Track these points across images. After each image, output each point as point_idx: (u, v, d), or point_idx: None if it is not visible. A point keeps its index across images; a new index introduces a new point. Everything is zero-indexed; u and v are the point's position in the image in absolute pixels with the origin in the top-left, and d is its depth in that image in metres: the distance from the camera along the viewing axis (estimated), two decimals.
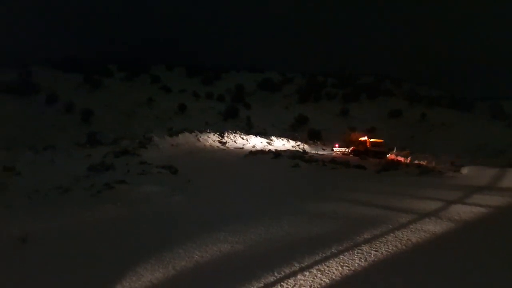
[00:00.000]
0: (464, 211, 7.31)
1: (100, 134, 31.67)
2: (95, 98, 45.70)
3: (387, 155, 30.20)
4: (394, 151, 33.03)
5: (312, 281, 4.15)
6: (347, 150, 34.62)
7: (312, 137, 43.73)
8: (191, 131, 36.45)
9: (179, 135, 34.32)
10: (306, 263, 4.62)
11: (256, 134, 42.01)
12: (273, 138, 41.68)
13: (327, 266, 4.50)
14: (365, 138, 33.15)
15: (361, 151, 31.06)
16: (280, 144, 40.05)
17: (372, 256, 4.81)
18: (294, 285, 4.07)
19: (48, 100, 41.44)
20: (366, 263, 4.60)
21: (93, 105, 40.42)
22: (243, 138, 39.27)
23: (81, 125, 36.78)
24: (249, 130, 43.76)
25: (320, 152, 34.57)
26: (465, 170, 15.17)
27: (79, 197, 10.27)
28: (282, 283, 4.12)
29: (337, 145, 37.34)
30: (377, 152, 29.78)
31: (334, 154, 32.40)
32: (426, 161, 23.18)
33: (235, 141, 37.82)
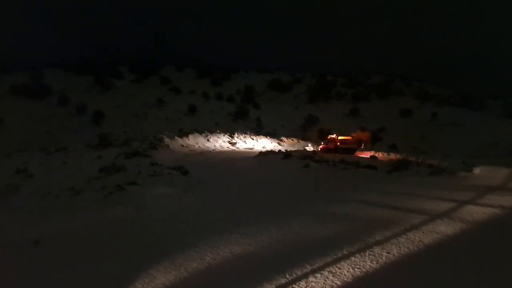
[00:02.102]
0: (476, 212, 7.23)
1: (111, 136, 31.96)
2: (106, 99, 46.12)
3: (356, 152, 31.67)
4: (362, 147, 34.20)
5: (323, 283, 4.15)
6: (314, 148, 35.72)
7: (322, 137, 43.55)
8: (201, 132, 36.61)
9: (189, 136, 34.50)
10: (317, 265, 4.62)
11: (266, 134, 42.03)
12: (283, 138, 41.67)
13: (339, 268, 4.51)
14: (334, 136, 34.00)
15: (331, 148, 32.07)
16: (290, 144, 40.04)
17: (384, 258, 4.80)
18: (306, 287, 4.08)
19: (60, 102, 41.92)
20: (378, 265, 4.59)
21: (104, 107, 40.76)
22: (253, 139, 39.32)
23: (92, 127, 37.10)
24: (259, 130, 43.78)
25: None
26: (477, 170, 14.98)
27: (91, 199, 10.38)
28: (293, 285, 4.13)
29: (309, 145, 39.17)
30: (346, 149, 31.30)
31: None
32: (437, 161, 22.98)
33: (245, 142, 37.89)
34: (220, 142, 36.10)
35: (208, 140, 35.55)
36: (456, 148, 34.33)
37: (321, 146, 35.06)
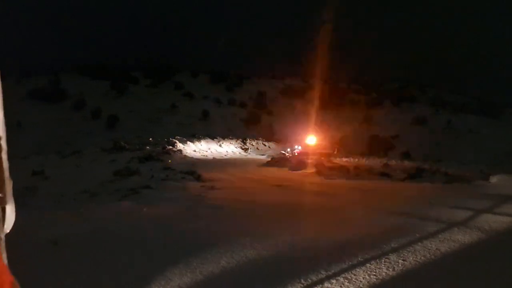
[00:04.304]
0: (494, 221, 7.12)
1: (124, 140, 32.31)
2: (120, 104, 46.73)
3: (331, 156, 32.02)
4: (335, 152, 34.91)
5: None
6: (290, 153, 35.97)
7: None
8: (213, 137, 36.82)
9: (202, 141, 34.73)
10: (332, 271, 4.59)
11: (278, 140, 42.06)
12: (295, 144, 41.68)
13: (354, 275, 4.47)
14: (311, 140, 34.34)
15: (308, 153, 32.06)
16: (301, 150, 40.00)
17: (400, 265, 4.75)
18: None
19: (76, 106, 42.65)
20: (394, 272, 4.54)
21: (118, 111, 41.32)
22: (265, 145, 39.39)
23: (107, 131, 37.58)
24: (271, 136, 43.86)
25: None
26: (494, 179, 14.77)
27: (106, 202, 10.49)
28: None
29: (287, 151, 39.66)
30: (322, 153, 31.48)
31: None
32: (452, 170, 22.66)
33: (257, 148, 37.98)
34: (232, 148, 36.23)
35: (220, 145, 35.72)
36: (472, 156, 33.86)
37: (297, 151, 35.18)
